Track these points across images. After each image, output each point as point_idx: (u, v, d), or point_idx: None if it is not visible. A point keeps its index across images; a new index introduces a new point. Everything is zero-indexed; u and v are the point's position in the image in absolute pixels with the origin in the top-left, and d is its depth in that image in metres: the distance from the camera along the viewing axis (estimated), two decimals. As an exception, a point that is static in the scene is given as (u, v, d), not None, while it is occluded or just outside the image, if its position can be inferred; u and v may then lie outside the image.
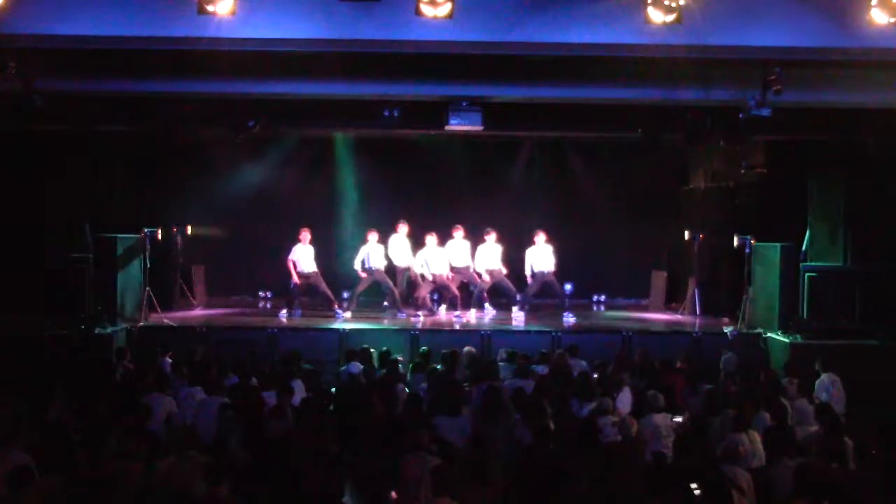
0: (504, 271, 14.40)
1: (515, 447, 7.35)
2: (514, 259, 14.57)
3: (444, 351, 10.59)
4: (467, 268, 14.32)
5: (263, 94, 11.36)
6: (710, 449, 7.26)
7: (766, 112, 10.41)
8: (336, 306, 14.04)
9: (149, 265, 13.55)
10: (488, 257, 14.35)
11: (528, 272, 14.35)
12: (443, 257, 14.14)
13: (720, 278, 15.14)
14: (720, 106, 11.52)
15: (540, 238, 14.34)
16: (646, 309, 16.24)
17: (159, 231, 13.74)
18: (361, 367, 10.13)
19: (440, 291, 14.41)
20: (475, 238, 14.52)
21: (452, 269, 14.22)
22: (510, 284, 14.34)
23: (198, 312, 14.92)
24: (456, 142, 15.68)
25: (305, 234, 14.08)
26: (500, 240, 14.49)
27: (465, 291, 14.77)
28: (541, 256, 14.29)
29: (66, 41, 8.96)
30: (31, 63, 9.85)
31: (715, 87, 10.79)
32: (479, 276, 14.39)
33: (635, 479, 6.33)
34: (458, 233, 14.34)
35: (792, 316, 12.73)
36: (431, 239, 14.13)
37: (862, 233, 12.83)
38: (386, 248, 14.31)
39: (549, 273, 14.27)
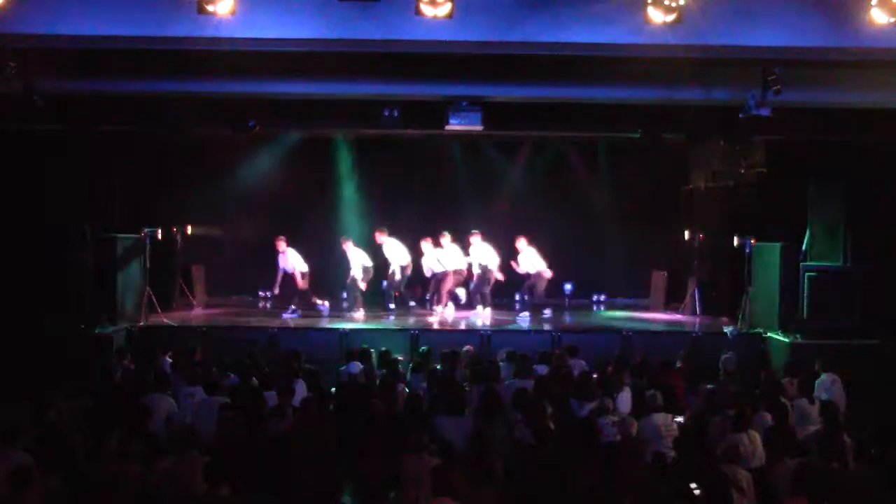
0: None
1: (515, 447, 7.35)
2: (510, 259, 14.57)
3: (444, 351, 10.59)
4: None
5: (263, 94, 11.35)
6: (710, 449, 7.26)
7: (766, 112, 10.40)
8: (317, 301, 14.11)
9: (149, 265, 13.55)
10: (479, 257, 14.43)
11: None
12: (455, 256, 14.25)
13: (720, 278, 15.14)
14: (720, 106, 11.52)
15: (521, 243, 14.39)
16: (646, 309, 16.25)
17: (159, 231, 13.74)
18: (361, 367, 10.13)
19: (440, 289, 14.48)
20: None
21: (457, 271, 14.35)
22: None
23: (198, 312, 14.93)
24: (456, 142, 15.68)
25: (280, 243, 14.22)
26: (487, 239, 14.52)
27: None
28: (525, 260, 14.32)
29: (66, 41, 8.96)
30: (31, 63, 9.84)
31: (715, 87, 10.79)
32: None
33: (635, 479, 6.33)
34: (476, 237, 14.47)
35: (792, 316, 12.73)
36: (446, 240, 14.36)
37: (862, 233, 12.82)
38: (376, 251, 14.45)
39: (532, 275, 14.28)
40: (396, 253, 14.47)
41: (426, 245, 14.41)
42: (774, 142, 13.77)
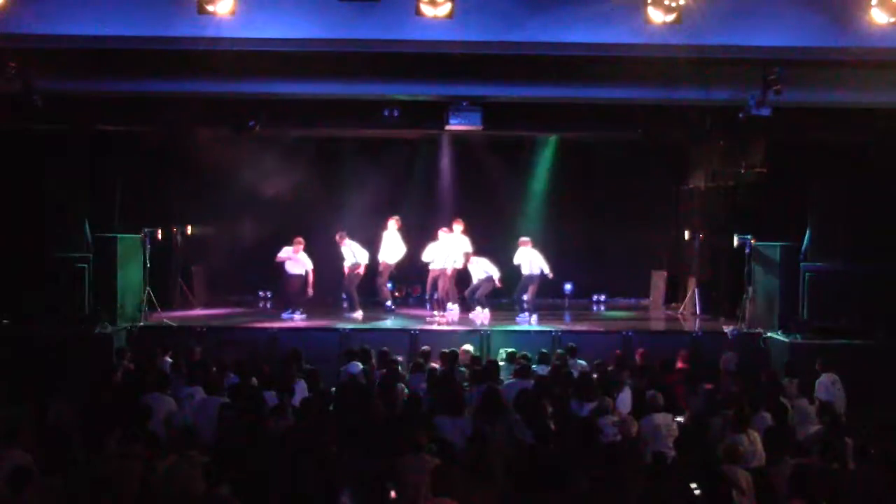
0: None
1: (516, 447, 7.35)
2: (507, 260, 14.54)
3: (443, 351, 10.59)
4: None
5: (263, 94, 11.37)
6: (710, 449, 7.26)
7: (766, 112, 10.41)
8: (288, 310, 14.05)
9: (149, 265, 13.55)
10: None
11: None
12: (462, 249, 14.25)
13: (720, 278, 15.14)
14: (720, 106, 11.53)
15: (524, 242, 14.32)
16: (646, 309, 16.25)
17: (159, 231, 13.74)
18: (361, 367, 10.13)
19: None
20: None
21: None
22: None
23: (198, 312, 14.92)
24: (455, 142, 15.68)
25: (298, 246, 14.10)
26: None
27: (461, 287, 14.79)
28: (526, 259, 14.28)
29: (66, 41, 8.98)
30: (31, 63, 9.85)
31: (715, 87, 10.80)
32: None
33: (635, 479, 6.33)
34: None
35: (792, 316, 12.72)
36: (458, 227, 14.29)
37: (862, 233, 12.82)
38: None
39: (528, 276, 14.25)
40: (391, 246, 14.42)
41: (443, 234, 14.23)
42: (774, 142, 13.77)
